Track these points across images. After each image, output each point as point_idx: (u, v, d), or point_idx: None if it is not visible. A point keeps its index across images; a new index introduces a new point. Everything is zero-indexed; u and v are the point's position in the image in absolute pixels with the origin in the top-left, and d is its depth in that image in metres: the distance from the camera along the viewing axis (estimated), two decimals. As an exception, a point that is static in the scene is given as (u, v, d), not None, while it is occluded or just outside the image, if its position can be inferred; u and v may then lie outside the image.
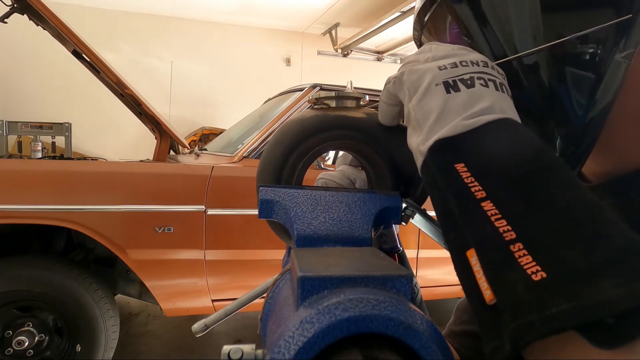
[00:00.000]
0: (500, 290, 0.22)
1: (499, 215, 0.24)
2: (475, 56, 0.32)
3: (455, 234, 0.26)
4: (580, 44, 0.34)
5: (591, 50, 0.34)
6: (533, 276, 0.21)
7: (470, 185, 0.26)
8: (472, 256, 0.24)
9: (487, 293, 0.23)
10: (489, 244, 0.24)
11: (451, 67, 0.31)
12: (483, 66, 0.31)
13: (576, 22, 0.34)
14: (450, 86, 0.30)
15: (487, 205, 0.25)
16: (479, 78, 0.30)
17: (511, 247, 0.23)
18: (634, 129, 0.36)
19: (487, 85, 0.30)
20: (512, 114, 0.30)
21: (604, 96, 0.34)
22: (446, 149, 0.28)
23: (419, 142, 0.30)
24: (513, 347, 0.21)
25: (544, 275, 0.21)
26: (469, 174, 0.26)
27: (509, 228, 0.23)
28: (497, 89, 0.30)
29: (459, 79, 0.30)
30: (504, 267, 0.23)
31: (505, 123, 0.28)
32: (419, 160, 0.31)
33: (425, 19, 0.45)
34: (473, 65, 0.31)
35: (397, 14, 4.56)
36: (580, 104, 0.34)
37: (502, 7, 0.37)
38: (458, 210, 0.26)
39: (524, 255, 0.22)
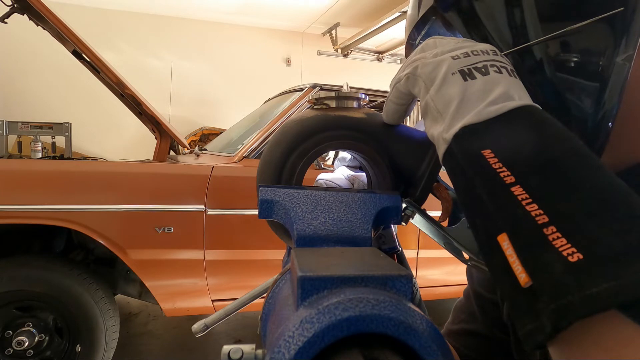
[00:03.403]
0: (537, 272, 0.22)
1: (530, 200, 0.24)
2: (483, 46, 0.33)
3: (482, 220, 0.26)
4: (581, 47, 0.34)
5: (592, 52, 0.34)
6: (569, 257, 0.21)
7: (498, 170, 0.26)
8: (504, 240, 0.24)
9: (522, 276, 0.23)
10: (521, 228, 0.24)
11: (464, 57, 0.32)
12: (493, 54, 0.32)
13: (570, 18, 0.34)
14: (466, 74, 0.31)
15: (517, 190, 0.25)
16: (491, 65, 0.31)
17: (544, 230, 0.23)
18: (634, 124, 0.36)
19: (500, 72, 0.31)
20: (527, 99, 0.30)
21: (610, 99, 0.34)
22: (472, 136, 0.28)
23: (441, 131, 0.30)
24: (554, 328, 0.21)
25: (581, 256, 0.21)
26: (496, 160, 0.26)
27: (541, 212, 0.23)
28: (510, 75, 0.31)
29: (473, 67, 0.31)
30: (539, 250, 0.22)
31: (529, 110, 0.29)
32: (441, 148, 0.31)
33: (420, 36, 0.45)
34: (484, 54, 0.32)
35: (397, 14, 4.56)
36: (588, 108, 0.35)
37: (496, 10, 0.37)
38: (487, 196, 0.26)
39: (558, 238, 0.22)
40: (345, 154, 0.56)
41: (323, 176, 0.55)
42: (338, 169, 0.56)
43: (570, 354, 0.23)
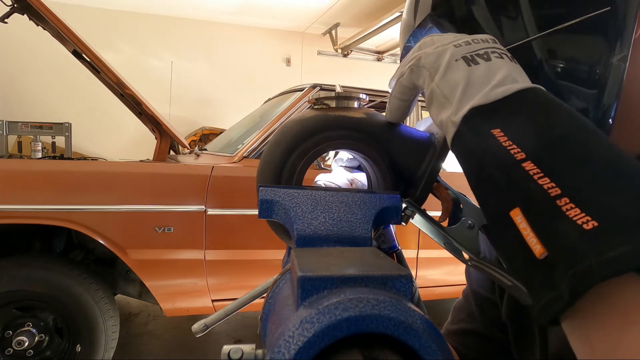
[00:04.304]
0: (552, 242, 0.22)
1: (542, 174, 0.24)
2: (482, 35, 0.34)
3: (495, 198, 0.27)
4: (578, 49, 0.35)
5: (589, 54, 0.35)
6: (584, 225, 0.21)
7: (508, 148, 0.26)
8: (517, 215, 0.24)
9: (537, 247, 0.23)
10: (534, 201, 0.24)
11: (465, 45, 0.32)
12: (492, 42, 0.33)
13: (566, 21, 0.35)
14: (469, 60, 0.31)
15: (528, 166, 0.25)
16: (492, 52, 0.32)
17: (557, 201, 0.23)
18: (631, 124, 0.37)
19: (502, 58, 0.32)
20: (530, 83, 0.31)
21: (609, 99, 0.35)
22: (481, 117, 0.29)
23: (449, 114, 0.31)
24: (572, 294, 0.21)
25: (596, 224, 0.21)
26: (505, 138, 0.27)
27: (553, 185, 0.24)
28: (510, 60, 0.32)
29: (475, 54, 0.32)
30: (553, 221, 0.23)
31: (535, 91, 0.29)
32: (450, 132, 0.31)
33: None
34: (484, 42, 0.33)
35: (397, 14, 4.56)
36: (587, 107, 0.36)
37: (494, 13, 0.38)
38: (498, 173, 0.26)
39: (572, 208, 0.22)
40: (342, 155, 0.56)
41: (322, 177, 0.55)
42: (336, 170, 0.56)
43: (585, 322, 0.23)
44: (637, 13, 0.34)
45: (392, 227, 0.56)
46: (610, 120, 0.35)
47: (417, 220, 0.39)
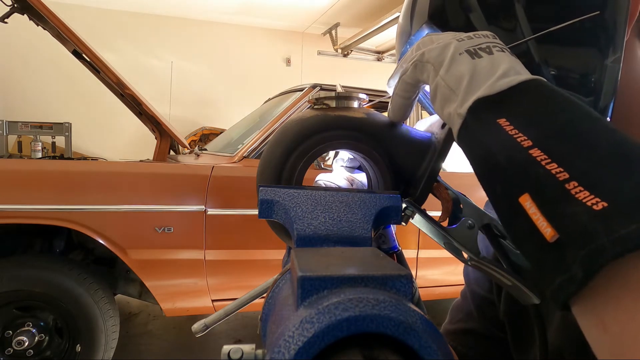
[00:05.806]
0: (563, 224, 0.23)
1: (549, 160, 0.25)
2: (482, 31, 0.34)
3: (503, 186, 0.27)
4: (574, 53, 0.37)
5: (585, 58, 0.37)
6: (594, 207, 0.22)
7: (515, 136, 0.27)
8: (526, 201, 0.25)
9: (548, 231, 0.23)
10: (543, 186, 0.24)
11: (468, 39, 0.33)
12: (493, 38, 0.33)
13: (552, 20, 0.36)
14: (472, 53, 0.32)
15: (535, 152, 0.25)
16: (494, 46, 0.32)
17: (566, 185, 0.23)
18: (628, 126, 0.38)
19: (503, 52, 0.32)
20: (531, 75, 0.31)
21: (605, 98, 0.36)
22: (486, 107, 0.29)
23: (455, 107, 0.31)
24: (585, 274, 0.21)
25: (605, 204, 0.22)
26: (512, 127, 0.27)
27: (561, 170, 0.24)
28: (511, 55, 0.32)
29: (478, 48, 0.32)
30: (563, 204, 0.23)
31: (538, 82, 0.30)
32: (456, 124, 0.31)
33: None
34: (485, 37, 0.33)
35: (397, 14, 4.55)
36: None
37: (490, 19, 0.39)
38: (505, 161, 0.27)
39: (581, 191, 0.23)
40: (342, 155, 0.56)
41: (322, 177, 0.55)
42: (336, 170, 0.56)
43: (597, 302, 0.23)
44: (627, 15, 0.35)
45: (393, 228, 0.56)
46: (608, 119, 0.36)
47: (417, 220, 0.39)
